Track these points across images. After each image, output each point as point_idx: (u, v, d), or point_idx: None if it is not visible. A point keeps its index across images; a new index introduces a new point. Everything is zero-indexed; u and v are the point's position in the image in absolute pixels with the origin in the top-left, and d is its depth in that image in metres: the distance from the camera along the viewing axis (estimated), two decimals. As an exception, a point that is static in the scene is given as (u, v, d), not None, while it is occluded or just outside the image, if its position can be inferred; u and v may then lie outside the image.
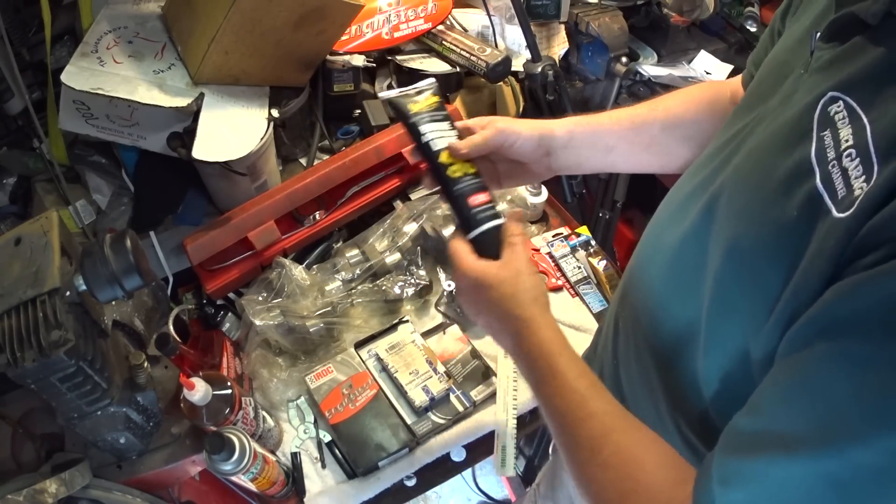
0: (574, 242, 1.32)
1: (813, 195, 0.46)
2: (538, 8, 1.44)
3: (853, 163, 0.44)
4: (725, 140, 0.63)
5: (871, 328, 0.40)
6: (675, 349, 0.65)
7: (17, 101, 1.13)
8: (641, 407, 0.73)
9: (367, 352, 1.14)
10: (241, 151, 1.05)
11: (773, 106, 0.57)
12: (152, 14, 1.13)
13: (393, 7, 1.31)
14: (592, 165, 0.87)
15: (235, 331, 1.15)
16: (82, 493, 0.88)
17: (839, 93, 0.48)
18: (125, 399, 0.89)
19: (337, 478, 1.03)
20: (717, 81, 0.86)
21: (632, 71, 1.47)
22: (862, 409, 0.41)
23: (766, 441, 0.46)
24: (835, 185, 0.45)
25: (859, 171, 0.43)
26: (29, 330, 0.75)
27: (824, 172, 0.46)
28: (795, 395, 0.45)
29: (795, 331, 0.46)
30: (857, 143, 0.45)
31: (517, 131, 0.79)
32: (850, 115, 0.46)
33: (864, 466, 0.41)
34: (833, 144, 0.46)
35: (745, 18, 1.69)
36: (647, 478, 0.54)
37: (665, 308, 0.67)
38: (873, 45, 0.47)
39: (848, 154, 0.45)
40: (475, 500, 1.99)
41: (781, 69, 0.59)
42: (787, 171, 0.49)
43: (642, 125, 0.83)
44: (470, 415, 1.07)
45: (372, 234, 1.23)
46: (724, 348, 0.57)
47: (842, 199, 0.44)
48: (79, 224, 1.15)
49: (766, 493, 0.45)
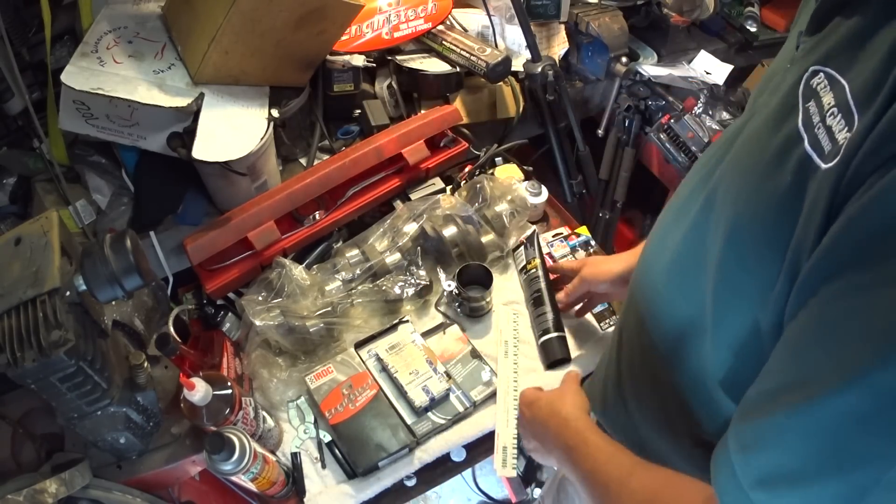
0: (574, 242, 1.32)
1: (803, 158, 0.47)
2: (538, 8, 1.44)
3: (836, 119, 0.45)
4: (721, 141, 0.64)
5: (869, 256, 0.40)
6: (681, 347, 0.65)
7: (17, 101, 1.13)
8: (649, 416, 0.73)
9: (367, 352, 1.14)
10: (241, 151, 1.05)
11: (764, 100, 0.58)
12: (152, 14, 1.13)
13: (393, 7, 1.31)
14: None
15: (235, 331, 1.15)
16: (82, 493, 0.88)
17: (819, 66, 0.49)
18: (125, 399, 0.89)
19: (337, 478, 1.03)
20: None
21: (632, 71, 1.47)
22: (874, 334, 0.40)
23: (782, 396, 0.45)
24: (821, 144, 0.46)
25: (842, 125, 0.44)
26: (29, 330, 0.75)
27: (812, 136, 0.47)
28: (807, 343, 0.45)
29: (799, 285, 0.46)
30: (838, 102, 0.46)
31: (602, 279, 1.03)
32: (830, 82, 0.47)
33: (886, 391, 0.39)
34: (817, 110, 0.47)
35: (745, 18, 1.69)
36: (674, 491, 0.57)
37: (669, 308, 0.67)
38: (847, 18, 0.49)
39: (831, 113, 0.46)
40: (475, 500, 1.99)
41: (773, 72, 0.61)
42: (778, 145, 0.50)
43: None
44: (470, 415, 1.07)
45: (372, 234, 1.23)
46: (734, 332, 0.57)
47: (828, 153, 0.45)
48: (79, 224, 1.15)
49: (789, 448, 0.44)
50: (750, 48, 1.69)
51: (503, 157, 1.42)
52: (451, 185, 1.36)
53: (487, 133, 1.46)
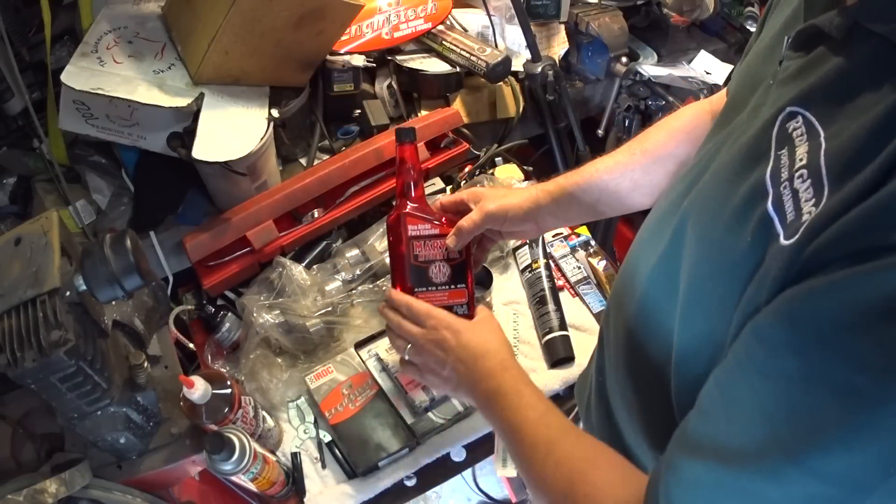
0: (574, 242, 1.32)
1: (764, 219, 0.45)
2: (538, 8, 1.44)
3: (804, 184, 0.43)
4: (698, 157, 0.62)
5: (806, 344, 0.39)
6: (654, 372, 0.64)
7: (17, 101, 1.13)
8: (625, 424, 0.72)
9: (367, 352, 1.13)
10: (241, 151, 1.05)
11: (742, 120, 0.55)
12: (152, 14, 1.13)
13: (393, 7, 1.31)
14: (584, 218, 0.93)
15: (235, 331, 1.15)
16: (82, 493, 0.88)
17: (798, 108, 0.46)
18: (125, 399, 0.89)
19: (337, 478, 1.03)
20: (698, 104, 0.87)
21: (632, 71, 1.46)
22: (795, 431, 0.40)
23: (706, 447, 0.46)
24: (784, 209, 0.44)
25: (809, 194, 0.42)
26: (29, 330, 0.75)
27: (776, 194, 0.45)
28: (733, 404, 0.45)
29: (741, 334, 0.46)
30: (809, 162, 0.43)
31: (504, 211, 0.87)
32: (808, 130, 0.44)
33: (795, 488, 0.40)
34: (787, 164, 0.45)
35: (745, 18, 1.69)
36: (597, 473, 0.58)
37: (643, 328, 0.66)
38: (834, 55, 0.45)
39: (800, 175, 0.43)
40: (475, 500, 1.99)
41: (753, 78, 0.58)
42: (743, 195, 0.48)
43: (622, 173, 0.85)
44: (470, 415, 1.07)
45: (372, 234, 1.23)
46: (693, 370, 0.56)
47: (790, 223, 0.43)
48: (79, 224, 1.15)
49: (704, 496, 0.46)
50: (750, 48, 1.69)
51: (503, 158, 1.42)
52: (451, 185, 1.36)
53: (487, 133, 1.46)
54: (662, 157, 0.83)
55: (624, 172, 0.85)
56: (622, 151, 0.87)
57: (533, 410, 0.69)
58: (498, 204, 0.87)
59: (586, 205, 0.87)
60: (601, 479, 0.58)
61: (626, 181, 0.85)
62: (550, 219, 0.89)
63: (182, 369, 1.10)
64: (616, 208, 0.89)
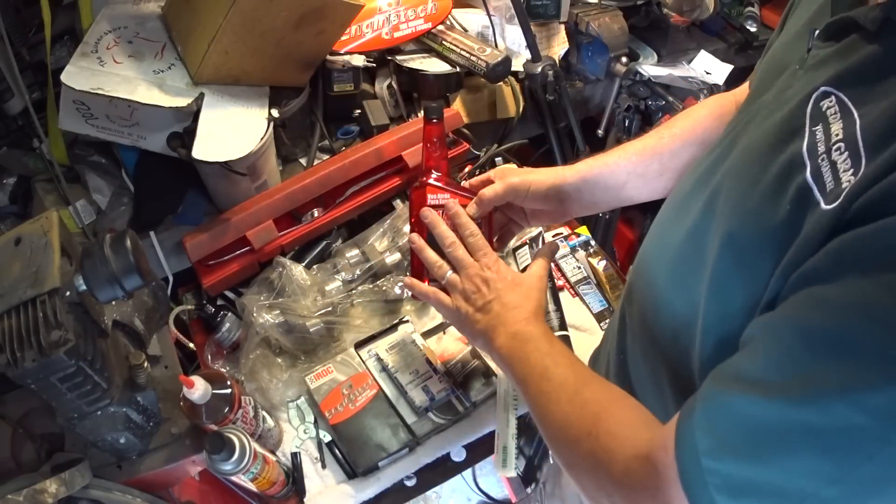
0: (574, 242, 1.32)
1: (803, 188, 0.47)
2: (538, 8, 1.44)
3: (842, 156, 0.45)
4: (724, 135, 0.64)
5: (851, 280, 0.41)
6: (677, 344, 0.66)
7: (17, 101, 1.13)
8: (649, 397, 0.73)
9: (367, 352, 1.14)
10: (241, 151, 1.05)
11: (768, 101, 0.58)
12: (152, 14, 1.13)
13: (393, 7, 1.31)
14: (609, 203, 0.93)
15: (235, 331, 1.15)
16: (82, 493, 0.88)
17: (832, 88, 0.49)
18: (125, 399, 0.89)
19: (337, 478, 1.03)
20: (722, 95, 0.89)
21: (632, 71, 1.47)
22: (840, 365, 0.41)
23: (746, 381, 0.47)
24: (824, 179, 0.46)
25: (847, 165, 0.44)
26: (29, 330, 0.75)
27: (814, 166, 0.47)
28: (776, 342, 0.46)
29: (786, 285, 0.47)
30: (846, 136, 0.46)
31: (527, 185, 0.88)
32: (841, 110, 0.47)
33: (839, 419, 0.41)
34: (824, 139, 0.47)
35: (745, 18, 1.69)
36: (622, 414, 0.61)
37: (668, 304, 0.67)
38: (868, 42, 0.48)
39: (837, 148, 0.46)
40: (475, 500, 1.99)
41: (778, 65, 0.61)
42: (780, 166, 0.50)
43: (651, 156, 0.87)
44: (470, 415, 1.07)
45: (372, 234, 1.23)
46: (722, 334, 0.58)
47: (830, 191, 0.45)
48: (79, 224, 1.15)
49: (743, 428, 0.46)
50: (750, 48, 1.69)
51: (503, 157, 1.42)
52: (451, 185, 1.36)
53: (487, 133, 1.46)
54: (691, 141, 0.85)
55: (654, 156, 0.86)
56: (650, 136, 0.88)
57: (563, 357, 0.72)
58: (522, 178, 0.90)
59: (614, 188, 0.88)
60: (627, 419, 0.60)
61: (655, 164, 0.86)
62: (575, 201, 0.90)
63: (182, 369, 1.10)
64: (642, 194, 0.90)
